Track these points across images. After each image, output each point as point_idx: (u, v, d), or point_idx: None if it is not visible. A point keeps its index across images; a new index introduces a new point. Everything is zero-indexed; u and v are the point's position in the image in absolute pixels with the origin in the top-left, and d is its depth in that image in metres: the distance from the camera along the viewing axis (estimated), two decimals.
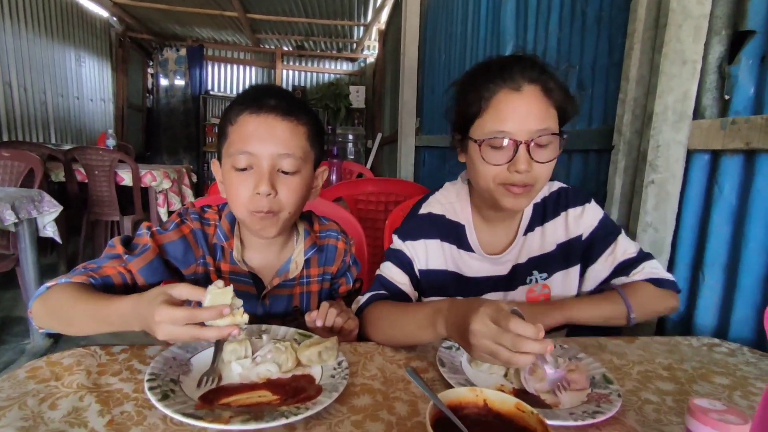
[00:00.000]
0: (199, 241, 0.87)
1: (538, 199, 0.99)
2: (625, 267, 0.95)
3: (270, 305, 0.91)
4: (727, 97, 1.09)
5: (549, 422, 0.50)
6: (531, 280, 0.97)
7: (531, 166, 0.81)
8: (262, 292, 0.90)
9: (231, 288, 0.62)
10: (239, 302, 0.62)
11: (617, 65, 1.34)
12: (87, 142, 5.53)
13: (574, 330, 0.95)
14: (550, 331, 0.95)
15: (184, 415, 0.52)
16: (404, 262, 0.94)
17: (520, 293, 0.97)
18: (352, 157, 6.88)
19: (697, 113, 1.16)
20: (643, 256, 0.97)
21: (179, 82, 7.78)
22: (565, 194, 1.00)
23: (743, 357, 0.86)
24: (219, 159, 0.86)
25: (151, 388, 0.57)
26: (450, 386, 0.64)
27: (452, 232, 0.96)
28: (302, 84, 8.07)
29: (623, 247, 0.96)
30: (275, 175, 0.79)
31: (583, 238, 0.97)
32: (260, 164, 0.78)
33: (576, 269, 0.98)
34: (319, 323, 0.78)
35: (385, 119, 6.36)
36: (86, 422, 0.53)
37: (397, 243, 0.97)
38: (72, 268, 0.76)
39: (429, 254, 0.95)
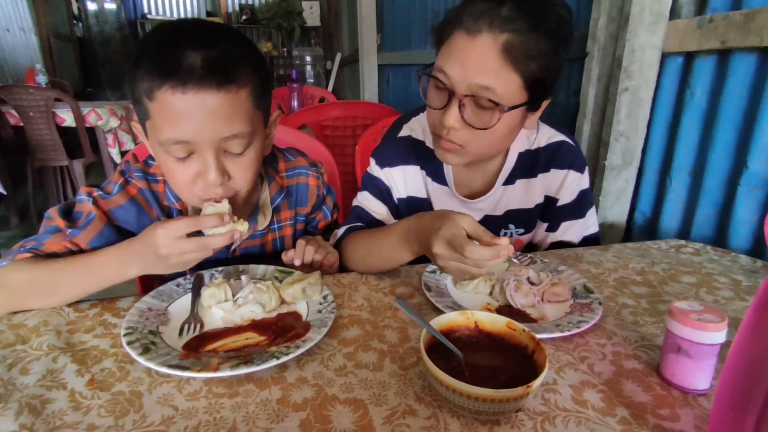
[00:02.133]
0: (150, 201, 0.76)
1: (530, 146, 0.89)
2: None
3: (241, 257, 0.85)
4: None
5: (537, 336, 0.51)
6: (506, 234, 0.93)
7: (460, 125, 0.71)
8: (231, 247, 0.83)
9: (226, 202, 0.63)
10: (240, 221, 0.63)
11: None
12: (13, 80, 4.95)
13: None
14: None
15: (169, 367, 0.50)
16: (382, 191, 0.90)
17: None
18: (312, 80, 6.52)
19: (673, 13, 1.12)
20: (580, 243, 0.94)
21: (110, 5, 6.92)
22: (569, 151, 0.89)
23: (707, 255, 0.91)
24: (140, 123, 0.68)
25: (129, 343, 0.54)
26: (437, 310, 0.65)
27: (429, 162, 0.90)
28: (250, 2, 7.35)
29: (578, 228, 0.92)
30: (222, 157, 0.65)
31: (558, 204, 0.91)
32: (202, 152, 0.63)
33: (545, 226, 0.94)
34: (297, 262, 0.75)
35: (344, 37, 5.95)
36: (64, 384, 0.51)
37: (374, 168, 0.92)
38: (24, 219, 0.68)
39: (408, 181, 0.91)
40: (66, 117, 3.01)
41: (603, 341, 0.61)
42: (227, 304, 0.65)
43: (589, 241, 0.95)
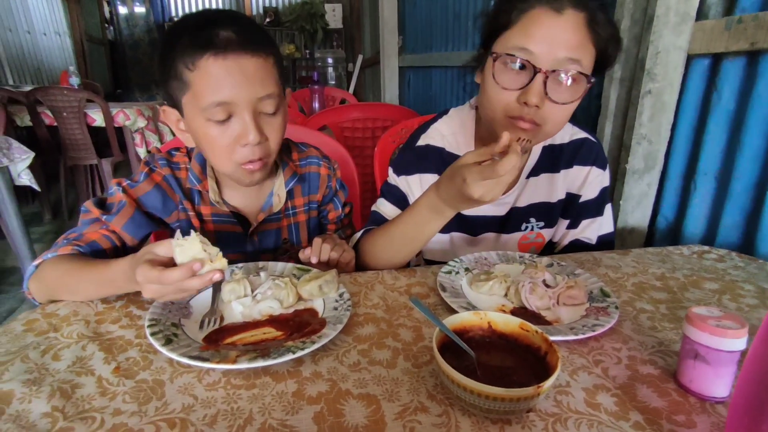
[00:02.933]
0: (174, 187, 0.82)
1: (553, 141, 0.92)
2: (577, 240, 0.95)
3: (259, 242, 0.89)
4: None
5: (551, 338, 0.51)
6: (526, 227, 0.94)
7: (542, 103, 0.72)
8: (249, 230, 0.87)
9: (195, 235, 0.57)
10: (215, 250, 0.58)
11: None
12: (48, 81, 5.17)
13: (567, 248, 0.96)
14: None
15: (190, 358, 0.52)
16: (398, 198, 0.92)
17: (513, 238, 0.95)
18: (333, 82, 6.57)
19: (700, 14, 1.09)
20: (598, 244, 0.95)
21: (139, 9, 7.16)
22: (591, 148, 0.92)
23: (732, 262, 0.89)
24: (175, 106, 0.75)
25: (153, 334, 0.56)
26: (452, 310, 0.65)
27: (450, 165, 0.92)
28: (273, 5, 7.47)
29: (597, 226, 0.94)
30: (260, 120, 0.72)
31: (580, 200, 0.93)
32: (241, 113, 0.70)
33: (566, 223, 0.96)
34: (314, 260, 0.77)
35: (365, 40, 5.99)
36: (92, 370, 0.53)
37: (392, 177, 0.93)
38: (56, 215, 0.72)
39: (425, 188, 0.91)
40: (96, 117, 3.13)
41: (619, 345, 0.60)
42: (246, 300, 0.67)
43: (604, 241, 0.95)
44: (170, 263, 0.57)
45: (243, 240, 0.87)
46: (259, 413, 0.47)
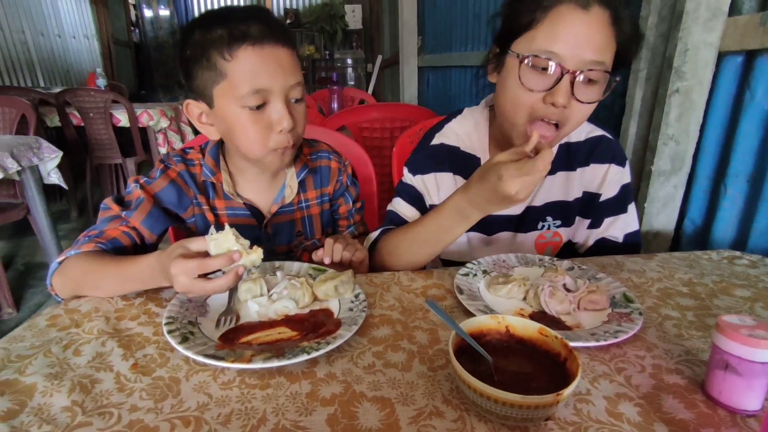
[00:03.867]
0: (189, 182, 0.84)
1: (569, 139, 0.90)
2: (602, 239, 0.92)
3: (273, 234, 0.91)
4: None
5: (571, 344, 0.49)
6: (543, 226, 0.93)
7: (569, 103, 0.71)
8: (263, 222, 0.89)
9: (228, 229, 0.59)
10: (246, 242, 0.60)
11: None
12: (76, 83, 5.33)
13: (590, 251, 0.94)
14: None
15: (205, 357, 0.52)
16: (414, 198, 0.91)
17: (529, 237, 0.93)
18: (353, 82, 6.60)
19: (733, 9, 1.05)
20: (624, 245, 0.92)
21: (164, 12, 7.31)
22: (608, 145, 0.90)
23: (765, 268, 0.85)
24: (202, 99, 0.77)
25: (170, 332, 0.57)
26: (469, 313, 0.64)
27: (466, 166, 0.90)
28: (294, 6, 7.54)
29: (621, 224, 0.91)
30: (290, 107, 0.76)
31: (601, 199, 0.91)
32: (275, 100, 0.74)
33: (587, 223, 0.93)
34: (326, 261, 0.77)
35: (385, 40, 5.99)
36: (111, 366, 0.54)
37: (407, 177, 0.93)
38: (82, 212, 0.74)
39: (440, 188, 0.90)
40: (121, 118, 3.21)
41: (642, 353, 0.58)
42: (262, 299, 0.67)
43: (631, 239, 0.92)
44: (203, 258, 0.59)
45: (257, 233, 0.89)
46: (273, 413, 0.47)
